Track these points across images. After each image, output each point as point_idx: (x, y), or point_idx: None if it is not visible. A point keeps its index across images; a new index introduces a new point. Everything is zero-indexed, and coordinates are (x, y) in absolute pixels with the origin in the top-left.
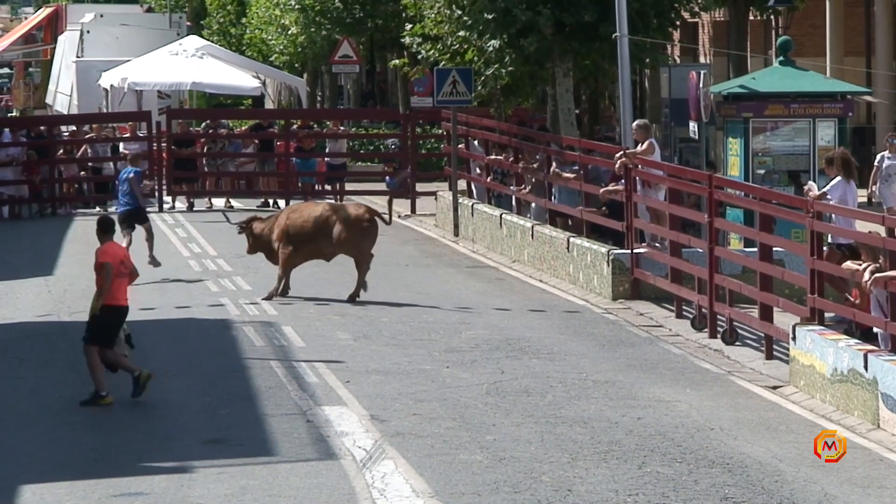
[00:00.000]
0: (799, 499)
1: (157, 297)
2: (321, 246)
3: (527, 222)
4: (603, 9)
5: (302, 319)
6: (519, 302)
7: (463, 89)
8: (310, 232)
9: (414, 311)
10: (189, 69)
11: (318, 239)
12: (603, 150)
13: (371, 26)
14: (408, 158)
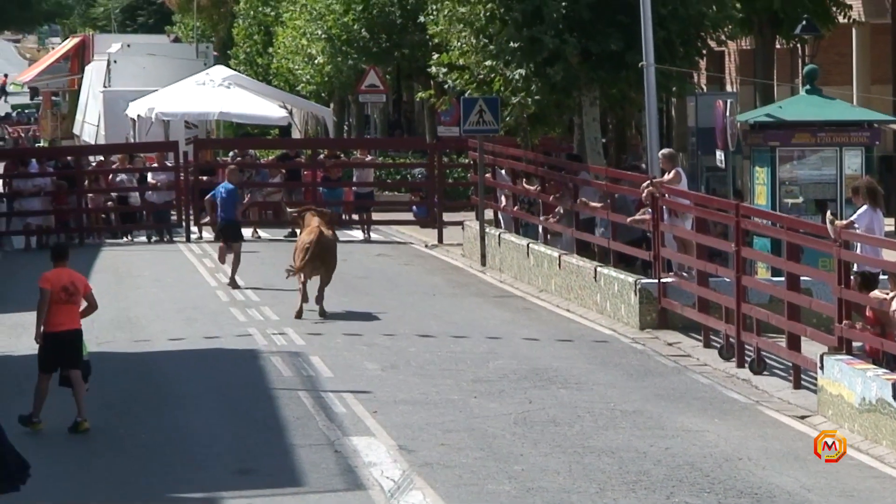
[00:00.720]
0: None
1: (184, 327)
2: None
3: (554, 252)
4: (629, 37)
5: (330, 349)
6: (546, 332)
7: (489, 118)
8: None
9: (441, 341)
10: (216, 99)
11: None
12: (629, 178)
13: (398, 56)
14: (434, 188)
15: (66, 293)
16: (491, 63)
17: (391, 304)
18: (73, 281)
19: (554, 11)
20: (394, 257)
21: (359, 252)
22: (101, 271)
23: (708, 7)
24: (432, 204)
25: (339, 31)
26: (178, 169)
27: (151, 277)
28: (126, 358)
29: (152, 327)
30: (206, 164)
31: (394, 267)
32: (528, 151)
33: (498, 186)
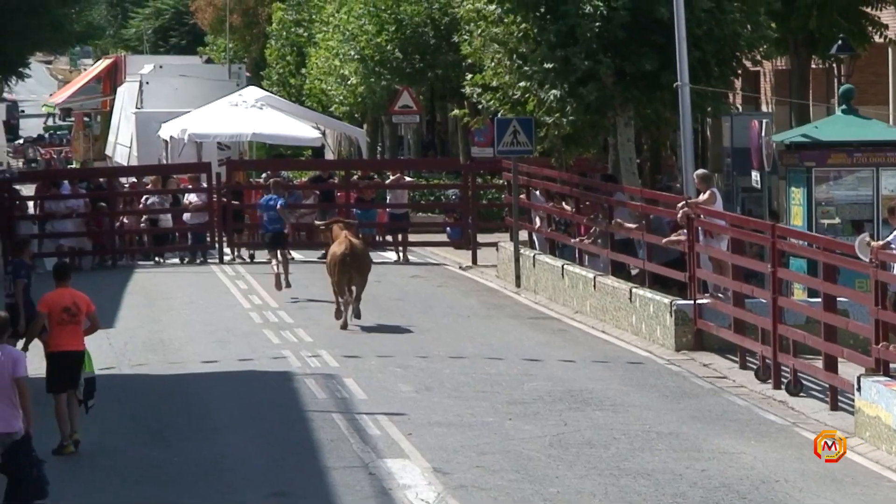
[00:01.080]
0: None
1: (218, 349)
2: None
3: (589, 273)
4: (664, 57)
5: (364, 371)
6: (582, 353)
7: (524, 139)
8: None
9: (476, 362)
10: (249, 120)
11: None
12: (665, 199)
13: (431, 76)
14: (468, 209)
15: (69, 314)
16: (525, 83)
17: (425, 326)
18: (76, 301)
19: (588, 31)
20: (428, 279)
21: (393, 274)
22: (133, 293)
23: (743, 27)
24: (466, 225)
25: (372, 52)
26: (211, 190)
27: (184, 299)
28: (159, 381)
29: (185, 350)
30: (238, 186)
31: (428, 288)
32: (562, 172)
33: (532, 207)
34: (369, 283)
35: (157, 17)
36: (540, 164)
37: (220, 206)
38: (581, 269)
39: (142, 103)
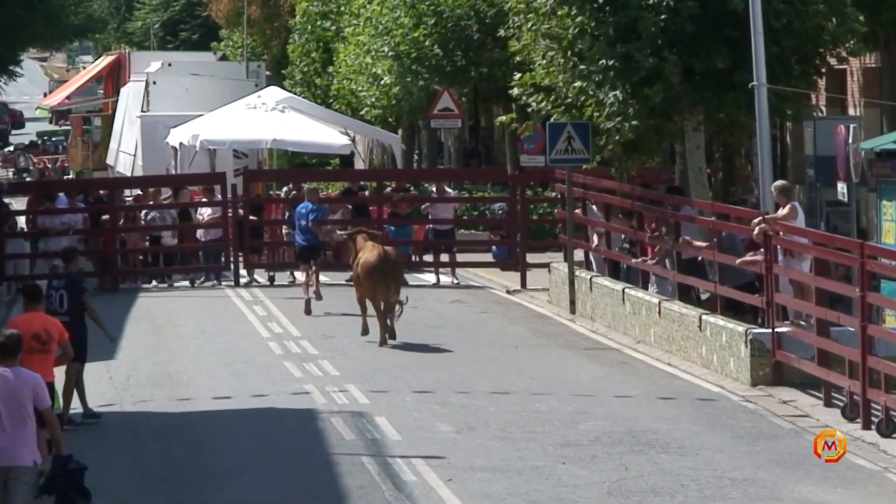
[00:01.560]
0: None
1: (232, 383)
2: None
3: (653, 297)
4: (738, 54)
5: (397, 409)
6: (644, 388)
7: (579, 146)
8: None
9: (525, 399)
10: (269, 125)
11: None
12: (739, 214)
13: (475, 75)
14: (516, 225)
15: (39, 341)
16: (581, 84)
17: (467, 358)
18: (47, 328)
19: (652, 25)
20: (470, 304)
21: (431, 298)
22: (137, 320)
23: (827, 20)
24: (514, 244)
25: (409, 48)
26: (226, 204)
27: (195, 327)
28: (166, 419)
29: (195, 383)
30: (257, 199)
31: (470, 315)
32: (623, 184)
33: (589, 224)
34: (406, 310)
35: (166, 8)
36: (598, 175)
37: (236, 222)
38: (644, 293)
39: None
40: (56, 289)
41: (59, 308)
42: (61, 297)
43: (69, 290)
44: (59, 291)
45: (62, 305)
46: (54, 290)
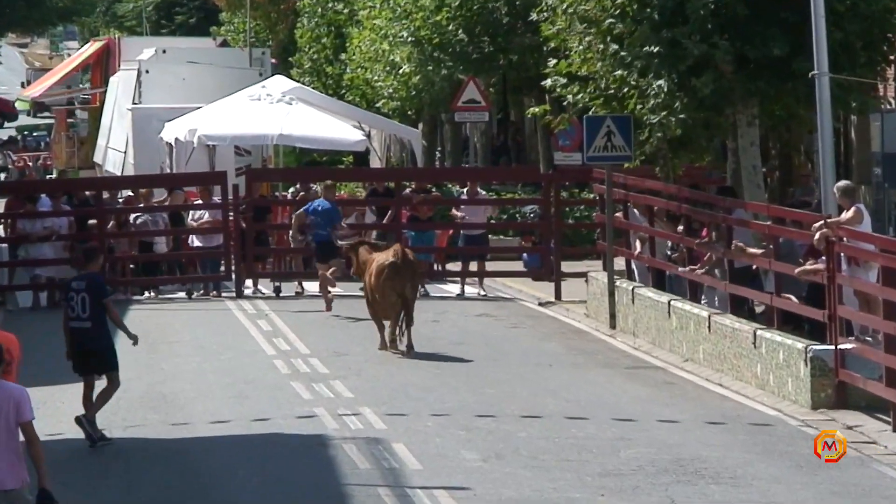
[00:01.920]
0: None
1: (233, 406)
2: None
3: (702, 311)
4: (797, 39)
5: (417, 434)
6: (693, 412)
7: (620, 142)
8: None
9: (559, 423)
10: (274, 118)
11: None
12: (797, 218)
13: (503, 63)
14: (550, 230)
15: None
16: (621, 73)
17: (495, 377)
18: (9, 348)
19: (700, 8)
20: (499, 318)
21: (454, 311)
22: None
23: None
24: (547, 251)
25: (430, 33)
26: (227, 206)
27: (192, 343)
28: (160, 446)
29: (193, 407)
30: (261, 201)
31: (499, 330)
32: (668, 184)
33: (631, 229)
34: (424, 324)
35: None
36: (641, 175)
37: (238, 227)
38: (692, 305)
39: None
40: (76, 291)
41: (81, 313)
42: (83, 301)
43: (91, 293)
44: (81, 294)
45: (84, 310)
46: (74, 292)
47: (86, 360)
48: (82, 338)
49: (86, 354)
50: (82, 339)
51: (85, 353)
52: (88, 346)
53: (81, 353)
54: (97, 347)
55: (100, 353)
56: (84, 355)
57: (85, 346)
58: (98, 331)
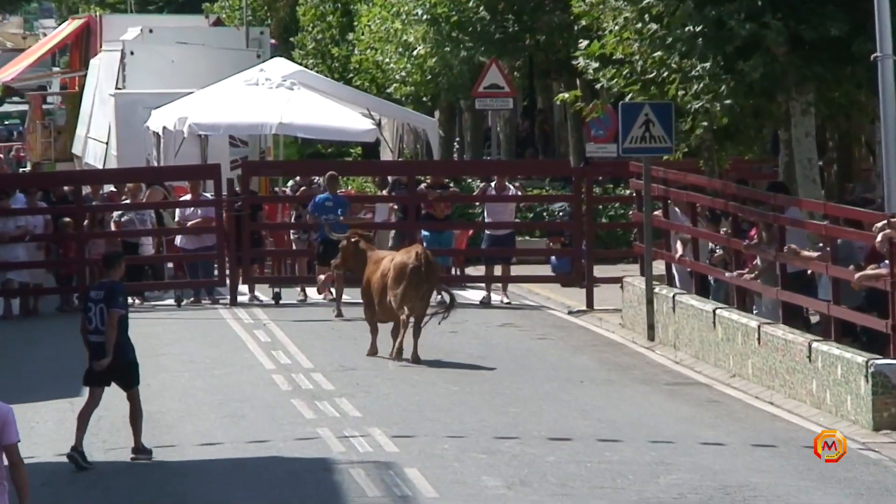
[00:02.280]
0: None
1: (226, 426)
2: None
3: (751, 320)
4: (857, 18)
5: (433, 458)
6: (740, 433)
7: (659, 132)
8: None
9: (591, 446)
10: (274, 105)
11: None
12: (858, 217)
13: (530, 44)
14: (581, 230)
15: None
16: (661, 54)
17: (520, 395)
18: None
19: None
20: (524, 328)
21: (475, 321)
22: None
23: None
24: (578, 253)
25: (448, 10)
26: (221, 204)
27: (181, 357)
28: (145, 471)
29: (181, 427)
30: (259, 198)
31: (524, 342)
32: (713, 180)
33: (672, 229)
34: (441, 335)
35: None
36: (683, 169)
37: (234, 226)
38: (740, 314)
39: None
40: (94, 301)
41: (100, 325)
42: (101, 312)
43: (106, 303)
44: (98, 305)
45: (102, 322)
46: (92, 302)
47: (104, 375)
48: (102, 353)
49: (106, 370)
50: (103, 354)
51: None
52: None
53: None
54: (120, 363)
55: (121, 368)
56: (104, 371)
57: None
58: (120, 345)
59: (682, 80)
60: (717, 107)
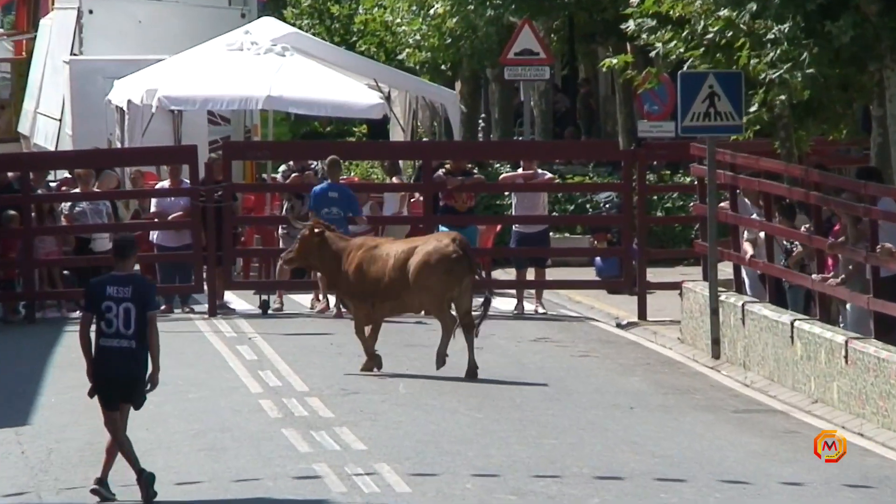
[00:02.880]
0: None
1: (204, 462)
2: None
3: (837, 335)
4: None
5: (452, 500)
6: (823, 471)
7: (727, 108)
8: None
9: (645, 486)
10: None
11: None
12: None
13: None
14: (632, 225)
15: None
16: (728, 14)
17: (558, 424)
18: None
19: None
20: (562, 343)
21: (504, 334)
22: (63, 367)
23: None
24: (628, 253)
25: None
26: (198, 193)
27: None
28: None
29: (150, 462)
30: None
31: (562, 359)
32: (792, 165)
33: (741, 224)
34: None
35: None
36: (755, 152)
37: (215, 220)
38: (823, 327)
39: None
40: (116, 300)
41: (123, 328)
42: (126, 314)
43: (138, 303)
44: (123, 304)
45: (128, 326)
46: (113, 301)
47: (121, 389)
48: (123, 361)
49: (125, 383)
50: (123, 362)
51: (125, 381)
52: (132, 372)
53: (119, 380)
54: (140, 374)
55: (140, 381)
56: (122, 384)
57: (125, 372)
58: (142, 353)
59: (754, 44)
60: (797, 77)
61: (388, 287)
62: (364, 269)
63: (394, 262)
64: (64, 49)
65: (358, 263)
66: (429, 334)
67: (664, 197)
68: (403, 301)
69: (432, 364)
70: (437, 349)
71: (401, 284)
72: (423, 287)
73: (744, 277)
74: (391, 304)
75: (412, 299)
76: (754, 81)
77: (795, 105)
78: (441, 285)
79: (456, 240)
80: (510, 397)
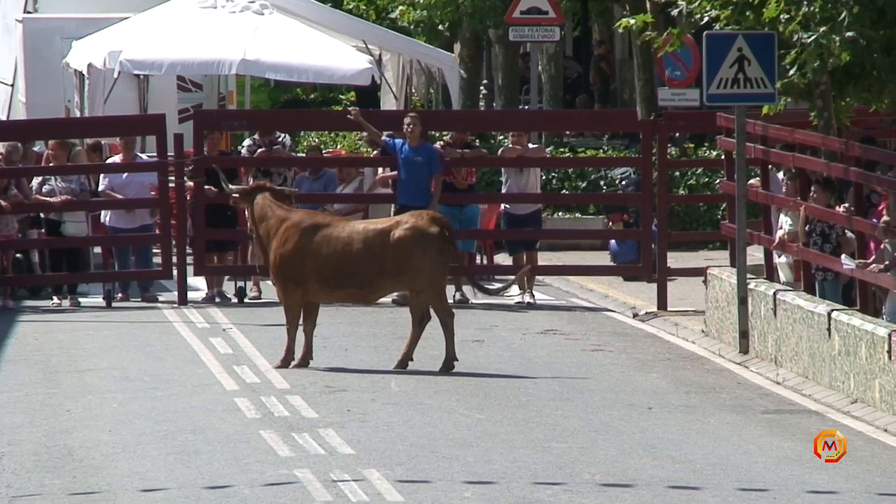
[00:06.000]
0: None
1: (173, 466)
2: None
3: (879, 327)
4: None
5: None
6: (862, 478)
7: (758, 74)
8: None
9: (663, 495)
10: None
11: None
12: None
13: None
14: (651, 205)
15: None
16: None
17: (567, 426)
18: None
19: None
20: (573, 336)
21: (507, 326)
22: (17, 360)
23: None
24: (648, 236)
25: None
26: (166, 166)
27: (112, 372)
28: None
29: (113, 467)
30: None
31: (572, 354)
32: (830, 138)
33: (773, 203)
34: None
35: None
36: (789, 123)
37: (188, 198)
38: (864, 319)
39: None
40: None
41: None
42: None
43: None
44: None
45: None
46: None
47: None
48: None
49: None
50: None
51: None
52: None
53: None
54: None
55: None
56: None
57: None
58: None
59: (787, 1)
60: (836, 39)
61: (355, 273)
62: (310, 250)
63: (363, 245)
64: (16, 6)
65: (298, 242)
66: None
67: (687, 173)
68: (375, 289)
69: (427, 359)
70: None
71: (374, 271)
72: (415, 269)
73: (775, 263)
74: (352, 293)
75: (391, 285)
76: (788, 43)
77: (834, 71)
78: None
79: (436, 217)
80: (514, 396)
